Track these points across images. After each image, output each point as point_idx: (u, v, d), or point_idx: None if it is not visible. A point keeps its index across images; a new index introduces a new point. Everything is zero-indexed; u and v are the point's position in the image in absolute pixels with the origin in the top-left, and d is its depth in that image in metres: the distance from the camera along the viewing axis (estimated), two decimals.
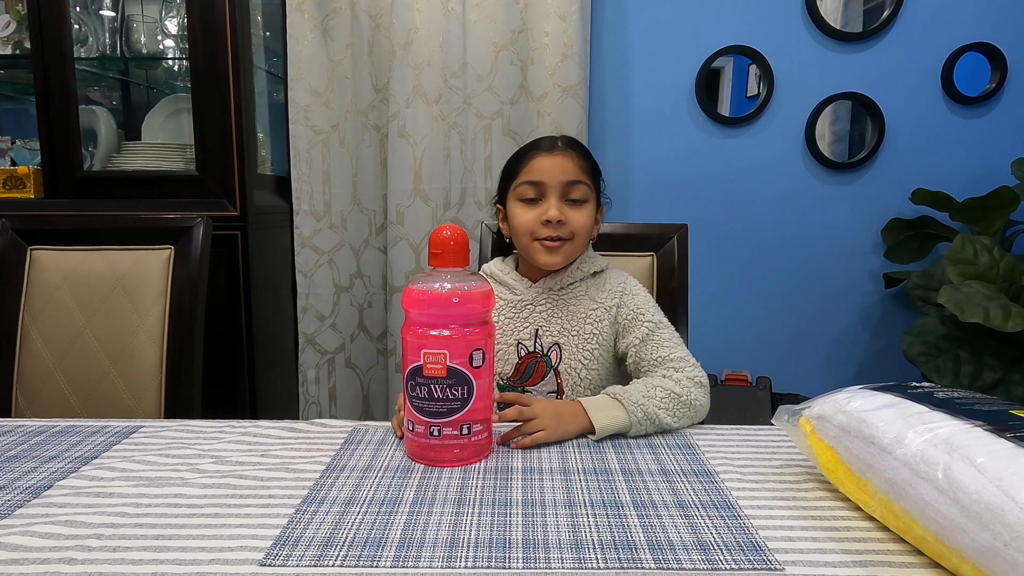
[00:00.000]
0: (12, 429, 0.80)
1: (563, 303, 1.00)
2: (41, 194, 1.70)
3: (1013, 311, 1.48)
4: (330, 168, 1.92)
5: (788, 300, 2.04)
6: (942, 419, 0.56)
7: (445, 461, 0.71)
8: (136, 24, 1.82)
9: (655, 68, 1.96)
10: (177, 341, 1.15)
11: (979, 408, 0.58)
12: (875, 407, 0.61)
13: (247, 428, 0.81)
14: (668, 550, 0.54)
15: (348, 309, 2.00)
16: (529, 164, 0.97)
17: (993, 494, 0.46)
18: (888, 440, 0.57)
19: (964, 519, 0.48)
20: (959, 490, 0.49)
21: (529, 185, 0.96)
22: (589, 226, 0.98)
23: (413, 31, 1.81)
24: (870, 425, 0.59)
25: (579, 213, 0.96)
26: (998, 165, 1.93)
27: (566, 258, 0.98)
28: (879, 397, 0.63)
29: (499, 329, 1.01)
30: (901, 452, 0.55)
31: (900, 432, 0.56)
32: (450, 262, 0.72)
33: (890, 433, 0.57)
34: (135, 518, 0.59)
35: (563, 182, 0.95)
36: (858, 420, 0.61)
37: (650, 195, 2.00)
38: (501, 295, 1.03)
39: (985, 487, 0.47)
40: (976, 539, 0.47)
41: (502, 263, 1.06)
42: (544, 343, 1.00)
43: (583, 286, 1.02)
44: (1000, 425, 0.53)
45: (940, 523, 0.50)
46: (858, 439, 0.60)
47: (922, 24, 1.92)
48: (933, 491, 0.51)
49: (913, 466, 0.53)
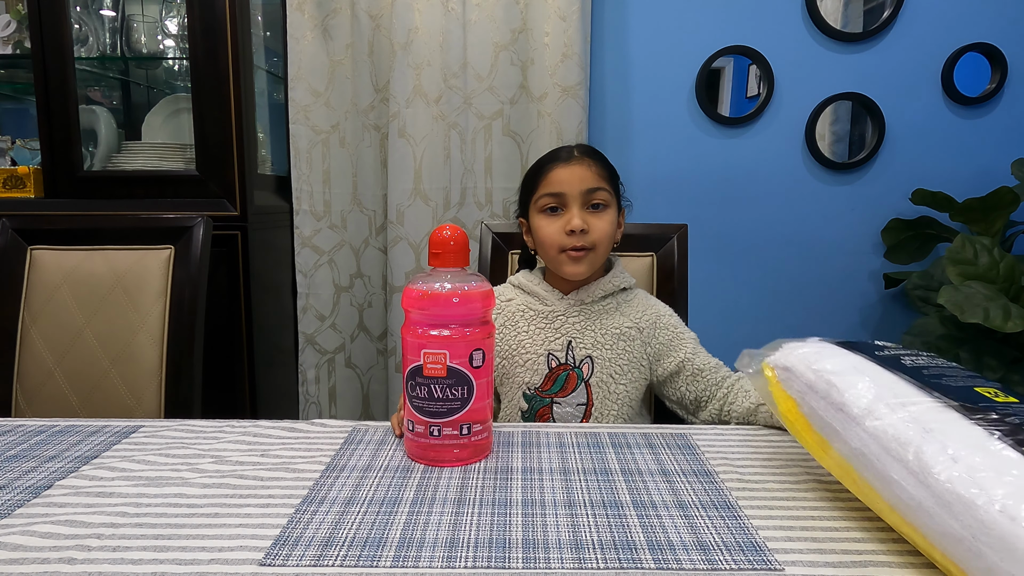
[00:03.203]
0: (12, 429, 0.80)
1: (595, 316, 1.02)
2: (41, 194, 1.70)
3: (1013, 311, 1.48)
4: (330, 168, 1.92)
5: (788, 300, 2.04)
6: (914, 395, 0.56)
7: (445, 461, 0.71)
8: (136, 24, 1.82)
9: (655, 68, 1.96)
10: (177, 341, 1.15)
11: (948, 383, 0.58)
12: (845, 370, 0.61)
13: (247, 428, 0.81)
14: (668, 550, 0.54)
15: (348, 309, 2.00)
16: (548, 176, 0.99)
17: (966, 486, 0.47)
18: (858, 411, 0.57)
19: (932, 503, 0.48)
20: (929, 475, 0.49)
21: (550, 197, 0.98)
22: (611, 233, 1.00)
23: (413, 31, 1.81)
24: (840, 391, 0.59)
25: (601, 221, 0.98)
26: (998, 165, 1.93)
27: (590, 267, 1.00)
28: (849, 358, 0.63)
29: (528, 338, 1.02)
30: (871, 425, 0.55)
31: (872, 405, 0.57)
32: (450, 262, 0.72)
33: (861, 404, 0.57)
34: (135, 518, 0.59)
35: (583, 191, 0.97)
36: (827, 383, 0.61)
37: (650, 195, 2.00)
38: (530, 305, 1.04)
39: (958, 477, 0.47)
40: (943, 525, 0.47)
41: (530, 274, 1.07)
42: (577, 355, 1.01)
43: (614, 301, 1.03)
44: (971, 407, 0.53)
45: (906, 503, 0.51)
46: (824, 401, 0.61)
47: (922, 24, 1.92)
48: (902, 470, 0.51)
49: (883, 442, 0.54)
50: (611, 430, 0.81)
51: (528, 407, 1.02)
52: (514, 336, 1.03)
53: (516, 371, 1.02)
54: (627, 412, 1.02)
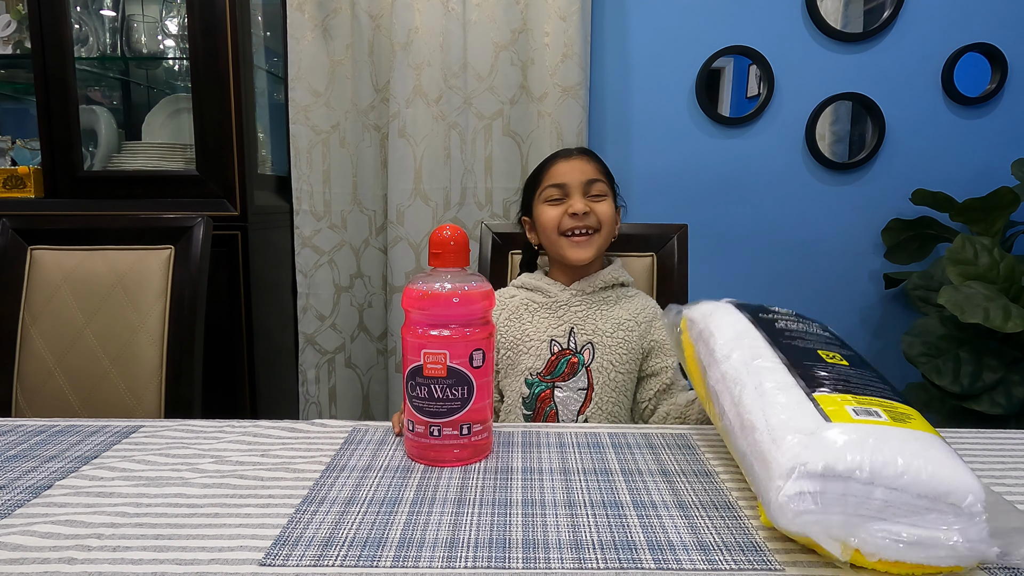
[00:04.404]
0: (12, 429, 0.80)
1: (596, 305, 1.06)
2: (41, 194, 1.70)
3: (1013, 312, 1.48)
4: (330, 168, 1.92)
5: (788, 300, 2.03)
6: (763, 348, 0.66)
7: (445, 461, 0.71)
8: (136, 24, 1.82)
9: (655, 68, 1.96)
10: (177, 341, 1.15)
11: (798, 344, 0.67)
12: (724, 324, 0.72)
13: (247, 428, 0.81)
14: (668, 550, 0.54)
15: (348, 309, 2.00)
16: (551, 170, 1.07)
17: (757, 414, 0.58)
18: (720, 354, 0.68)
19: (738, 427, 0.61)
20: (741, 406, 0.61)
21: (554, 188, 1.05)
22: (612, 216, 1.06)
23: (413, 31, 1.81)
24: (714, 339, 0.70)
25: (602, 205, 1.05)
26: (998, 165, 1.93)
27: (596, 251, 1.05)
28: (733, 314, 0.73)
29: (532, 327, 1.06)
30: (724, 366, 0.67)
31: (729, 351, 0.68)
32: (450, 262, 0.72)
33: (723, 349, 0.69)
34: (135, 518, 0.59)
35: (583, 181, 1.05)
36: (708, 331, 0.72)
37: (650, 195, 2.00)
38: (533, 299, 1.08)
39: (753, 406, 0.59)
40: (739, 444, 0.60)
41: (531, 275, 1.12)
42: (578, 341, 1.04)
43: (614, 294, 1.08)
44: (797, 363, 0.63)
45: (726, 428, 0.64)
46: (703, 344, 0.72)
47: (922, 24, 1.92)
48: (730, 402, 0.63)
49: (726, 380, 0.65)
50: (611, 430, 0.81)
51: (530, 392, 1.05)
52: (519, 327, 1.07)
53: (520, 359, 1.06)
54: (624, 400, 1.06)
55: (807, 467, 0.50)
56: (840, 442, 0.51)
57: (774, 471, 0.53)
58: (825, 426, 0.53)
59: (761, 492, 0.55)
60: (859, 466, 0.49)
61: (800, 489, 0.50)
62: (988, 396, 1.58)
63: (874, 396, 0.58)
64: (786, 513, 0.50)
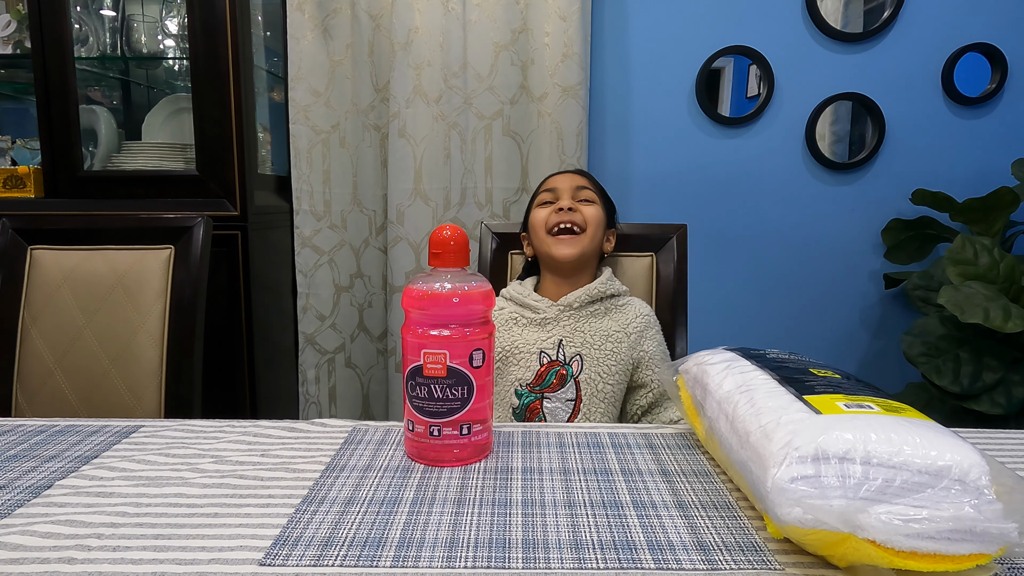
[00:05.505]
0: (12, 429, 0.80)
1: (584, 320, 1.08)
2: (41, 194, 1.70)
3: (1013, 312, 1.48)
4: (330, 168, 1.92)
5: (788, 300, 2.04)
6: (751, 370, 0.67)
7: (445, 461, 0.71)
8: (136, 24, 1.82)
9: (655, 68, 1.96)
10: (177, 341, 1.15)
11: (787, 366, 0.67)
12: (716, 360, 0.73)
13: (247, 428, 0.81)
14: (668, 550, 0.54)
15: (348, 309, 2.00)
16: (546, 182, 1.16)
17: (751, 421, 0.58)
18: (713, 386, 0.69)
19: (736, 443, 0.60)
20: (735, 420, 0.61)
21: (546, 193, 1.14)
22: (599, 218, 1.11)
23: (413, 31, 1.81)
24: (707, 374, 0.71)
25: (589, 208, 1.10)
26: (998, 165, 1.93)
27: (581, 250, 1.08)
28: (724, 354, 0.75)
29: (522, 339, 1.08)
30: (718, 395, 0.67)
31: (721, 380, 0.68)
32: (450, 262, 0.72)
33: (715, 380, 0.69)
34: (135, 518, 0.59)
35: (572, 187, 1.12)
36: (702, 371, 0.73)
37: (650, 195, 2.00)
38: (523, 315, 1.10)
39: (746, 415, 0.59)
40: (738, 458, 0.59)
41: (520, 286, 1.14)
42: (567, 353, 1.05)
43: (602, 307, 1.09)
44: (789, 379, 0.63)
45: (725, 451, 0.63)
46: (698, 387, 0.72)
47: (922, 24, 1.92)
48: (725, 423, 0.63)
49: (721, 406, 0.65)
50: (611, 430, 0.81)
51: (519, 403, 1.06)
52: (508, 338, 1.09)
53: (509, 369, 1.07)
54: (612, 411, 1.07)
55: (799, 451, 0.50)
56: (831, 425, 0.51)
57: (768, 462, 0.52)
58: (816, 416, 0.54)
59: (758, 490, 0.53)
60: (852, 446, 0.48)
61: (794, 475, 0.49)
62: (988, 396, 1.58)
63: (866, 396, 0.58)
64: (783, 503, 0.48)
